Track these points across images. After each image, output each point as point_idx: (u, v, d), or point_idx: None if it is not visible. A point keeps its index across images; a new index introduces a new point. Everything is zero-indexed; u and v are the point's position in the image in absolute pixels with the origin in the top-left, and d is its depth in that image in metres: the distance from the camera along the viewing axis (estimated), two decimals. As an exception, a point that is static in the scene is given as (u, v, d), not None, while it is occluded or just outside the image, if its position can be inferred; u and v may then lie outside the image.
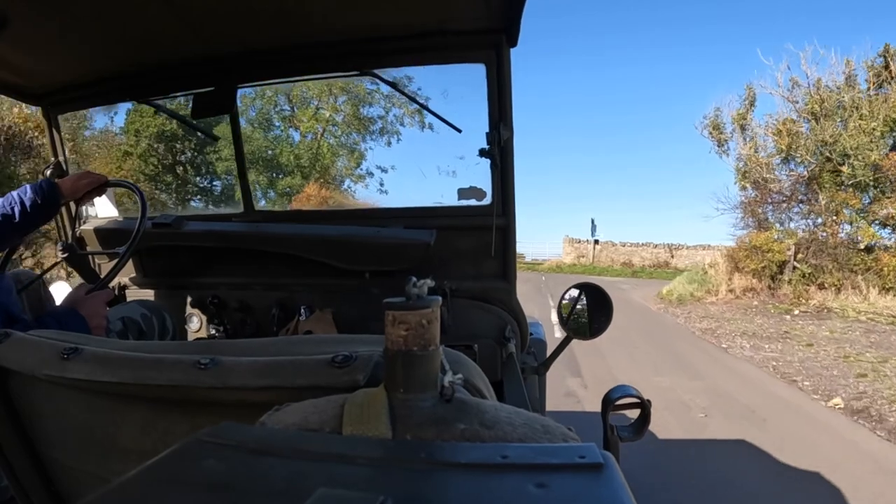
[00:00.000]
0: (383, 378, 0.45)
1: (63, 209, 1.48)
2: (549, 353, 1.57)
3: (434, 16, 1.24)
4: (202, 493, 0.35)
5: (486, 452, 0.39)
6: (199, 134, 2.32)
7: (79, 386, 0.69)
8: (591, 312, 1.46)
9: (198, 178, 11.35)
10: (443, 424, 0.42)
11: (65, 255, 1.28)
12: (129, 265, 1.59)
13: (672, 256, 24.60)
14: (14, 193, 1.15)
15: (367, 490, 0.32)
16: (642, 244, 24.66)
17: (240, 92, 1.49)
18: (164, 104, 1.62)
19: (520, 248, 28.74)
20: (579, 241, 25.20)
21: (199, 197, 11.25)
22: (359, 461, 0.37)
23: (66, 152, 1.62)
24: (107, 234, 1.55)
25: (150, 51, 1.38)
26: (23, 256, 6.44)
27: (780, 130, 11.98)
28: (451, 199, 1.42)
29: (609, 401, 1.03)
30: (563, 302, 1.49)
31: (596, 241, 24.86)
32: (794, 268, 11.14)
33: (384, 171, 9.66)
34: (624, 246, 24.63)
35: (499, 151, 1.29)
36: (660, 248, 24.45)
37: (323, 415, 0.45)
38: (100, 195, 1.37)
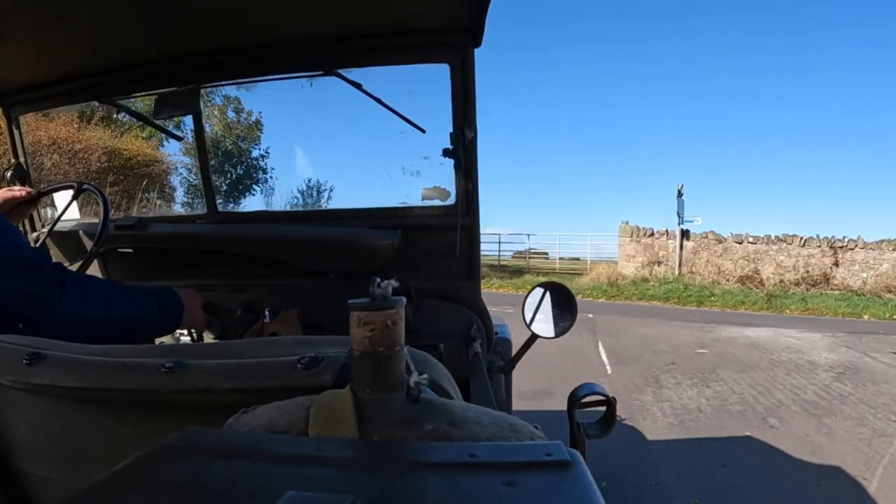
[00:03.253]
0: (350, 379, 0.45)
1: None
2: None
3: (398, 16, 1.26)
4: (170, 497, 0.35)
5: (454, 452, 0.39)
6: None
7: (43, 392, 0.69)
8: (555, 311, 1.47)
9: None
10: (410, 424, 0.43)
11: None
12: (95, 268, 1.61)
13: (836, 263, 12.86)
14: None
15: (336, 491, 0.32)
16: (776, 239, 13.01)
17: None
18: (127, 104, 1.65)
19: (543, 242, 17.61)
20: (651, 234, 13.69)
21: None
22: (327, 463, 0.38)
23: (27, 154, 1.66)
24: (69, 237, 1.57)
25: (115, 50, 1.39)
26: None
27: None
28: (416, 200, 1.45)
29: (575, 399, 1.05)
30: (527, 301, 1.50)
31: (685, 234, 13.22)
32: None
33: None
34: (740, 243, 13.01)
35: (463, 151, 1.31)
36: (812, 248, 12.79)
37: (290, 416, 0.46)
38: (31, 209, 1.44)
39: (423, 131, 1.41)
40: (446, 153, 1.30)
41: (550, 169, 43.17)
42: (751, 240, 13.07)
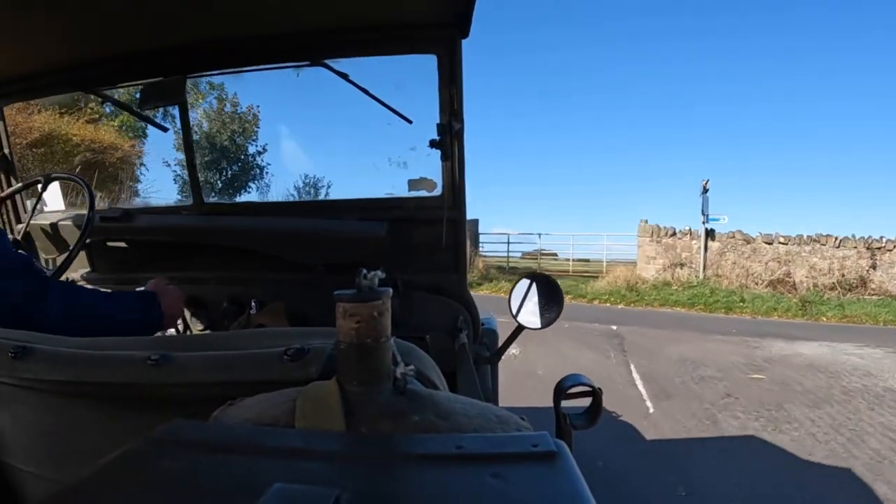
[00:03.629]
0: (336, 371, 0.45)
1: (8, 203, 1.52)
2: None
3: (386, 7, 1.25)
4: (156, 491, 0.34)
5: (440, 444, 0.39)
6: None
7: (29, 386, 0.68)
8: (541, 303, 1.46)
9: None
10: (397, 416, 0.43)
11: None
12: (81, 260, 1.60)
13: (874, 266, 11.89)
14: None
15: (323, 484, 0.32)
16: (809, 239, 12.01)
17: None
18: (112, 94, 1.63)
19: (556, 243, 16.47)
20: (673, 234, 12.68)
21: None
22: (314, 455, 0.38)
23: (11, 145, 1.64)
24: (54, 229, 1.55)
25: (101, 42, 1.38)
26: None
27: None
28: (403, 191, 1.44)
29: (561, 389, 1.05)
30: (514, 293, 1.49)
31: (710, 233, 12.23)
32: None
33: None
34: (770, 244, 12.01)
35: (450, 142, 1.30)
36: (848, 249, 11.81)
37: (276, 409, 0.45)
38: None
39: (410, 122, 1.40)
40: (433, 144, 1.30)
41: (562, 168, 42.03)
42: (781, 240, 12.02)
